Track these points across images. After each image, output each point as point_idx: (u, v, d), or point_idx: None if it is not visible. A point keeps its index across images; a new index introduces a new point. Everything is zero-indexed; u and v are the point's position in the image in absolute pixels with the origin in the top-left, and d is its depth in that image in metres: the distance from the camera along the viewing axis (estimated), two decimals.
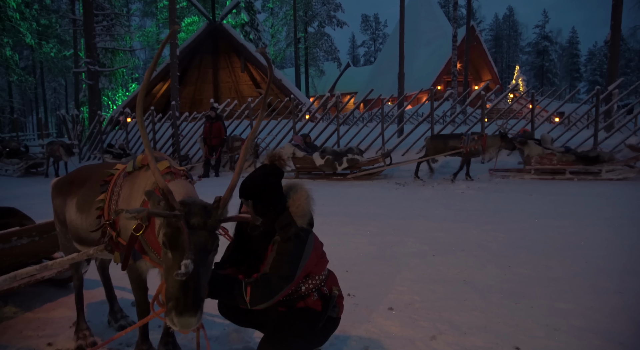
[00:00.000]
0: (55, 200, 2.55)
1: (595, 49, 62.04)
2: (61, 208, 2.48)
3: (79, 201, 2.34)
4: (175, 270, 1.51)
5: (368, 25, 68.89)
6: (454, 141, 9.19)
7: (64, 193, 2.47)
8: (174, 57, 13.79)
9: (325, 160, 9.51)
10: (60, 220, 2.54)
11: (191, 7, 28.99)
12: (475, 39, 33.17)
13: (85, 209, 2.29)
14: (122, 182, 2.15)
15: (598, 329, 2.68)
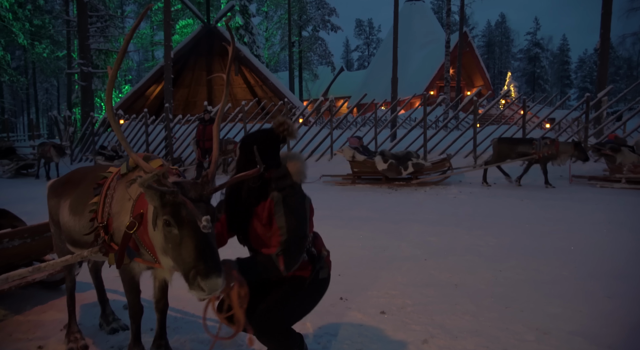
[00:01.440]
0: (50, 201, 2.55)
1: (586, 56, 62.88)
2: (55, 209, 2.49)
3: (72, 203, 2.34)
4: (186, 243, 1.58)
5: (362, 30, 69.23)
6: (524, 146, 8.83)
7: (58, 194, 2.48)
8: (168, 59, 13.77)
9: (388, 165, 8.90)
10: (54, 222, 2.54)
11: (186, 10, 29.00)
12: (468, 45, 33.49)
13: (78, 211, 2.28)
14: (115, 184, 2.15)
15: (587, 332, 2.71)
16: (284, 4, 34.82)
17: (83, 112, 18.00)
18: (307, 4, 37.39)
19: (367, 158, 9.29)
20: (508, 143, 9.14)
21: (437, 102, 12.82)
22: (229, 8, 23.29)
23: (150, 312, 2.46)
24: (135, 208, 1.93)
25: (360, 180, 9.62)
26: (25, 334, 2.83)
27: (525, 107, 11.57)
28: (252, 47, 29.88)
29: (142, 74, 42.44)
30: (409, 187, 9.08)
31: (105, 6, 24.51)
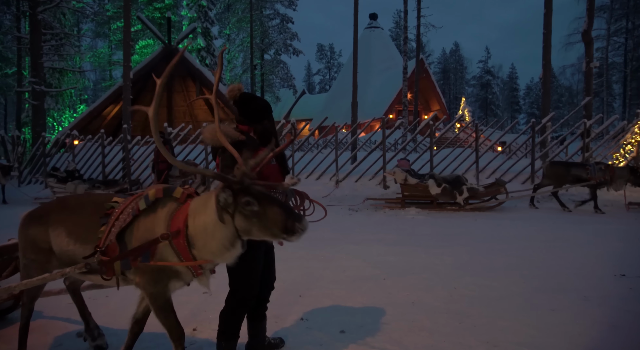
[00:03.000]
0: (31, 230, 2.43)
1: (532, 84, 67.04)
2: (43, 236, 2.39)
3: (72, 229, 2.33)
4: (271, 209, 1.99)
5: (323, 55, 70.83)
6: (577, 170, 8.64)
7: (46, 222, 2.40)
8: (127, 79, 13.55)
9: (442, 189, 8.66)
10: (39, 249, 2.41)
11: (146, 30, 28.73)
12: (425, 71, 34.99)
13: (81, 237, 2.29)
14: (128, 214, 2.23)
15: (533, 344, 2.88)
16: (246, 27, 35.22)
17: (34, 132, 17.24)
18: (270, 28, 38.02)
19: (419, 182, 9.00)
20: (562, 167, 8.93)
21: (395, 126, 13.28)
22: (190, 30, 23.31)
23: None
24: (171, 227, 2.13)
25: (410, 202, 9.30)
26: None
27: (477, 130, 12.19)
28: (214, 69, 29.89)
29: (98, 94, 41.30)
30: (463, 212, 8.79)
31: (60, 24, 23.89)
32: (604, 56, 39.34)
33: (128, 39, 13.68)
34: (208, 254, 2.12)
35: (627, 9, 38.53)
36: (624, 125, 11.85)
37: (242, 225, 2.04)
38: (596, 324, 3.22)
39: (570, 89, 58.81)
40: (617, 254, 5.33)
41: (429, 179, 8.84)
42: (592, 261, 5.00)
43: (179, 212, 2.15)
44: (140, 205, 2.20)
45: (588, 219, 7.91)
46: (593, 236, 6.31)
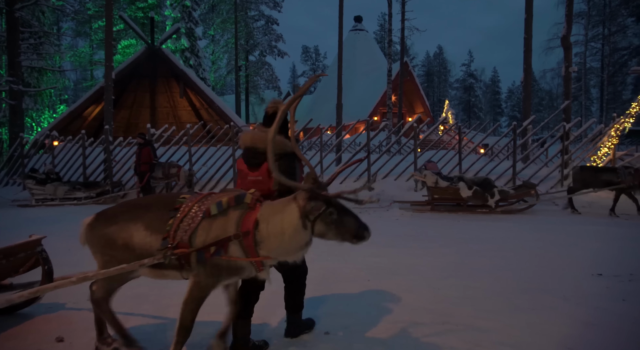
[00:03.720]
0: (109, 229, 2.60)
1: (514, 88, 68.30)
2: (124, 233, 2.56)
3: (151, 224, 2.53)
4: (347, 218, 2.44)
5: (308, 57, 70.93)
6: (607, 174, 8.61)
7: (123, 220, 2.59)
8: (108, 79, 13.33)
9: (473, 192, 8.58)
10: (118, 246, 2.56)
11: (128, 30, 28.35)
12: (409, 73, 35.31)
13: (160, 230, 2.50)
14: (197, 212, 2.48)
15: (515, 343, 2.93)
16: (231, 28, 35.05)
17: (11, 133, 16.81)
18: (254, 29, 37.90)
19: (450, 184, 8.90)
20: (591, 171, 8.90)
21: (380, 128, 13.36)
22: (174, 30, 23.06)
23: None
24: (242, 228, 2.41)
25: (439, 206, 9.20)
26: None
27: (460, 133, 12.35)
28: (198, 70, 29.67)
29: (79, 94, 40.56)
30: (494, 214, 8.73)
31: (39, 22, 23.39)
32: (582, 61, 40.30)
33: (110, 38, 13.47)
34: (282, 253, 2.45)
35: (604, 15, 39.59)
36: (601, 128, 12.15)
37: (321, 230, 2.41)
38: (575, 322, 3.29)
39: (551, 93, 60.08)
40: (595, 254, 5.46)
41: (459, 182, 8.76)
42: (572, 262, 5.11)
43: (248, 216, 2.43)
44: (212, 209, 2.44)
45: (568, 221, 8.08)
46: (573, 237, 6.45)
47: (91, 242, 2.66)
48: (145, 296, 3.85)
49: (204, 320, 3.00)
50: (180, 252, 2.39)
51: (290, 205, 2.38)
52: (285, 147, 2.65)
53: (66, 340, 2.97)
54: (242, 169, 2.81)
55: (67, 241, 5.19)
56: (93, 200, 11.51)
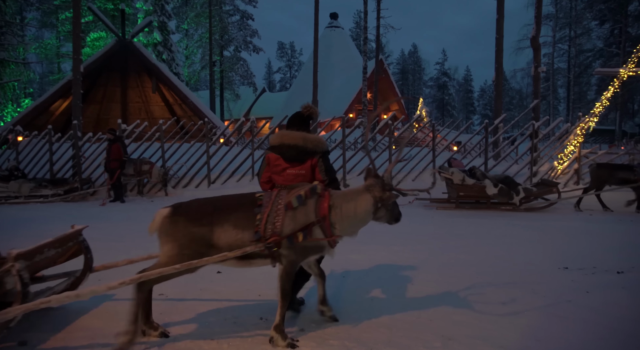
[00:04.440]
0: (194, 229, 2.87)
1: (486, 87, 69.86)
2: (207, 233, 2.88)
3: (235, 223, 2.90)
4: (394, 206, 3.09)
5: (284, 53, 70.56)
6: (624, 172, 8.69)
7: (206, 223, 2.89)
8: (77, 73, 12.90)
9: (499, 190, 8.63)
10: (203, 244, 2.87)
11: (98, 22, 27.44)
12: (384, 71, 35.63)
13: (246, 227, 2.89)
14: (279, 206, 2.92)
15: (485, 335, 3.00)
16: (205, 22, 34.45)
17: None
18: (229, 24, 37.38)
19: (476, 182, 8.89)
20: (607, 169, 9.00)
21: (355, 125, 13.43)
22: (146, 23, 22.51)
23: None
24: (319, 213, 2.90)
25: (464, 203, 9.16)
26: None
27: (434, 130, 12.55)
28: (171, 65, 29.06)
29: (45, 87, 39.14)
30: (516, 212, 8.79)
31: (1, 12, 22.41)
32: (551, 62, 41.58)
33: (78, 30, 13.02)
34: (350, 232, 3.06)
35: (570, 18, 40.95)
36: (568, 127, 12.57)
37: (380, 214, 3.05)
38: (542, 314, 3.39)
39: (521, 92, 61.74)
40: (562, 248, 5.66)
41: (485, 180, 8.80)
42: (540, 256, 5.28)
43: (321, 203, 2.92)
44: (293, 203, 2.88)
45: (538, 217, 8.34)
46: (542, 233, 6.66)
47: (169, 235, 2.88)
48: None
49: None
50: (273, 240, 2.82)
51: (364, 194, 3.00)
52: (325, 146, 3.24)
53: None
54: (279, 163, 3.18)
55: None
56: (61, 198, 11.14)
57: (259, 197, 3.01)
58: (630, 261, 4.97)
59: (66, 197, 11.21)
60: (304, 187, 2.96)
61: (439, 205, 9.42)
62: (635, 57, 11.46)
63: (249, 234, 2.87)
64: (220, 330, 3.09)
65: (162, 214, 2.90)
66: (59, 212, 9.21)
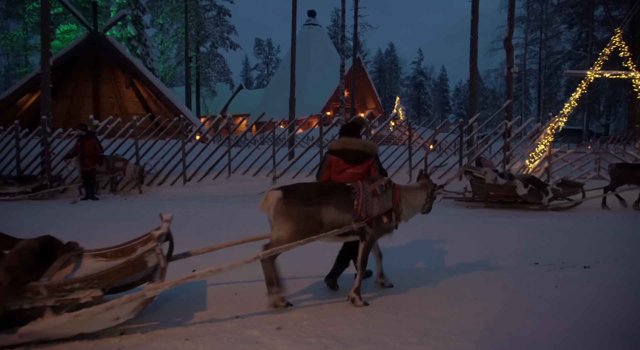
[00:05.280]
0: (306, 208, 3.42)
1: (461, 86, 71.16)
2: (316, 211, 3.45)
3: (338, 205, 3.50)
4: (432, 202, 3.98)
5: (261, 50, 70.07)
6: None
7: (315, 203, 3.45)
8: (45, 66, 12.48)
9: (529, 190, 8.75)
10: (313, 221, 3.44)
11: (68, 14, 26.58)
12: (361, 70, 35.81)
13: (347, 209, 3.50)
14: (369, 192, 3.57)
15: (459, 331, 3.06)
16: (181, 17, 33.85)
17: None
18: (206, 19, 36.86)
19: (507, 182, 8.96)
20: (627, 169, 9.23)
21: (332, 123, 13.46)
22: (119, 17, 21.95)
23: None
24: (394, 201, 3.65)
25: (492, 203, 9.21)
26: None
27: (410, 129, 12.70)
28: (146, 60, 28.47)
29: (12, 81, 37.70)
30: (544, 212, 8.89)
31: None
32: (523, 63, 42.69)
33: (47, 22, 12.58)
34: (408, 218, 3.85)
35: (541, 21, 42.14)
36: (539, 126, 12.93)
37: (426, 206, 3.94)
38: (513, 309, 3.49)
39: (494, 92, 63.17)
40: (532, 245, 5.82)
41: (516, 180, 8.91)
42: (512, 252, 5.41)
43: (395, 194, 3.67)
44: (378, 191, 3.58)
45: (511, 214, 8.55)
46: (513, 229, 6.83)
47: (286, 214, 3.38)
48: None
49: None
50: (367, 220, 3.51)
51: (421, 190, 3.88)
52: (378, 150, 3.98)
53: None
54: (340, 164, 3.86)
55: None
56: (29, 196, 10.76)
57: (350, 186, 3.60)
58: (596, 256, 5.17)
59: (34, 195, 10.84)
60: (382, 180, 3.65)
61: (470, 204, 9.48)
62: (601, 60, 11.88)
63: (349, 215, 3.50)
64: (196, 330, 3.05)
65: (276, 196, 3.37)
66: (27, 210, 8.90)
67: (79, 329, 2.79)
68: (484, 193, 9.10)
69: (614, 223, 7.59)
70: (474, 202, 9.45)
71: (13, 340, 2.66)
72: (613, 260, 5.03)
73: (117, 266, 2.88)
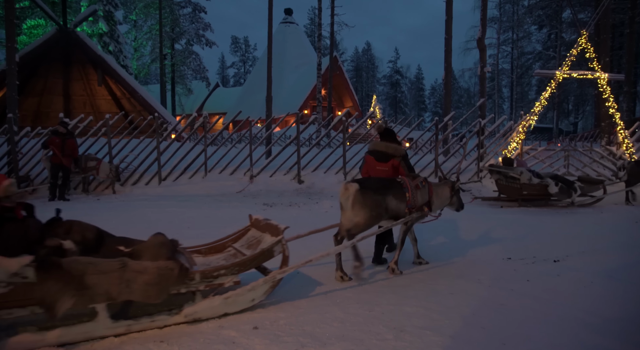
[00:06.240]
0: (375, 197, 4.17)
1: (436, 85, 72.26)
2: (383, 201, 4.22)
3: (396, 196, 4.31)
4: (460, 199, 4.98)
5: (238, 47, 69.43)
6: None
7: (381, 193, 4.23)
8: (11, 62, 12.02)
9: (560, 189, 8.85)
10: (382, 208, 4.22)
11: (36, 9, 25.67)
12: (338, 68, 35.90)
13: (403, 199, 4.33)
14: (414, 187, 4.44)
15: (434, 326, 3.11)
16: (155, 14, 33.18)
17: None
18: (181, 16, 36.25)
19: (540, 181, 9.00)
20: None
21: (310, 121, 13.44)
22: (90, 12, 21.36)
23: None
24: (430, 194, 4.54)
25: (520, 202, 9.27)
26: None
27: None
28: (119, 57, 27.81)
29: None
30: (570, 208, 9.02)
31: None
32: (495, 62, 43.63)
33: (12, 16, 12.12)
34: (438, 208, 4.78)
35: (513, 22, 43.17)
36: (511, 125, 13.25)
37: (453, 201, 4.83)
38: (487, 303, 3.57)
39: (468, 91, 64.40)
40: (505, 240, 5.96)
41: (547, 179, 9.04)
42: (485, 248, 5.54)
43: (430, 188, 4.59)
44: (420, 185, 4.46)
45: (484, 211, 8.73)
46: (485, 225, 6.98)
47: (362, 202, 4.09)
48: None
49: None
50: (416, 209, 4.39)
51: (445, 185, 4.80)
52: (402, 151, 4.77)
53: None
54: (373, 162, 4.77)
55: None
56: None
57: (400, 181, 4.42)
58: (565, 250, 5.34)
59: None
60: (421, 177, 4.57)
61: (505, 204, 9.56)
62: (569, 61, 12.25)
63: (404, 204, 4.34)
64: (171, 332, 3.01)
65: (355, 187, 4.07)
66: None
67: (224, 310, 3.25)
68: (516, 192, 9.25)
69: (581, 217, 7.85)
70: (507, 202, 9.57)
71: (177, 320, 3.10)
72: (580, 254, 5.21)
73: (253, 256, 3.46)
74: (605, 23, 14.82)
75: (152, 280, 2.86)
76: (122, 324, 2.93)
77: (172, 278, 2.95)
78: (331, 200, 9.51)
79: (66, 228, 3.09)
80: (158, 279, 2.88)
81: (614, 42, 28.76)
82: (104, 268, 2.77)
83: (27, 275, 2.60)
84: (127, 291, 2.82)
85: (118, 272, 2.80)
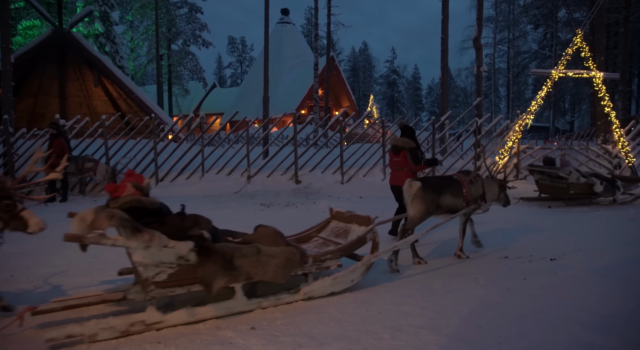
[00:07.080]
0: (428, 195, 4.68)
1: (433, 84, 72.29)
2: (436, 198, 4.73)
3: (453, 193, 4.85)
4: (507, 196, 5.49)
5: (235, 48, 69.32)
6: None
7: (436, 191, 4.75)
8: (7, 63, 11.98)
9: (604, 187, 8.95)
10: (436, 204, 4.75)
11: (31, 9, 25.56)
12: (335, 68, 35.88)
13: (459, 195, 4.87)
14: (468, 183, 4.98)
15: (431, 325, 3.12)
16: (151, 14, 33.07)
17: None
18: (177, 17, 36.15)
19: (587, 180, 9.05)
20: None
21: (307, 121, 13.44)
22: (86, 13, 21.32)
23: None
24: (483, 188, 5.07)
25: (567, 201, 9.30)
26: None
27: (384, 127, 12.82)
28: (115, 58, 27.73)
29: None
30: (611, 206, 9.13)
31: None
32: (492, 62, 43.73)
33: (7, 17, 12.07)
34: (489, 202, 5.23)
35: (509, 21, 43.29)
36: (508, 124, 13.28)
37: (500, 197, 5.31)
38: (483, 302, 3.58)
39: (465, 90, 64.47)
40: (502, 239, 5.98)
41: (592, 178, 9.11)
42: (481, 246, 5.54)
43: (482, 184, 5.06)
44: (473, 181, 5.01)
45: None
46: (481, 224, 6.99)
47: (422, 197, 4.65)
48: None
49: None
50: (472, 203, 4.93)
51: (494, 181, 5.30)
52: (411, 144, 5.71)
53: None
54: (390, 155, 5.97)
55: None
56: None
57: (457, 179, 4.94)
58: (561, 249, 5.36)
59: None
60: (474, 173, 5.11)
61: (553, 204, 9.53)
62: (565, 60, 12.28)
63: (460, 200, 4.86)
64: (168, 333, 3.01)
65: (417, 186, 4.64)
66: None
67: (331, 289, 3.70)
68: (562, 192, 9.26)
69: (577, 216, 7.88)
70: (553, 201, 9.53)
71: (297, 298, 3.56)
72: (576, 252, 5.23)
73: (352, 242, 3.96)
74: (600, 22, 14.87)
75: (281, 263, 3.35)
76: (254, 302, 3.38)
77: (296, 261, 3.46)
78: (328, 200, 9.51)
79: (192, 220, 3.38)
80: (285, 262, 3.38)
81: (609, 41, 28.87)
82: (246, 252, 3.24)
83: (190, 259, 3.03)
84: (262, 272, 3.28)
85: (256, 256, 3.26)
